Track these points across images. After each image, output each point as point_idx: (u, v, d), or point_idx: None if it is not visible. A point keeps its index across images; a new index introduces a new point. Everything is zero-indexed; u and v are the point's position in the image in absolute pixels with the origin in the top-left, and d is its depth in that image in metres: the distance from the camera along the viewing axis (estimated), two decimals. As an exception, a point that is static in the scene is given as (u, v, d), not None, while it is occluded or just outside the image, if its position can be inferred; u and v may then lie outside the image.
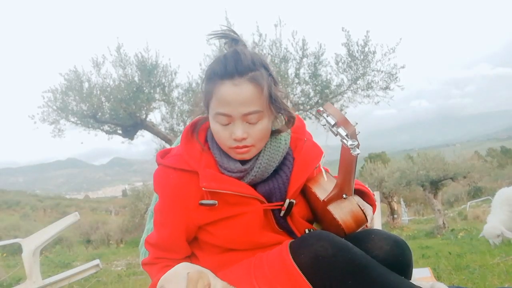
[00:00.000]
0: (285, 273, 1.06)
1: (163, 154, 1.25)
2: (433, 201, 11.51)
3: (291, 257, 1.07)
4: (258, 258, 1.15)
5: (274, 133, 1.21)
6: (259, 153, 1.18)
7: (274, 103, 1.13)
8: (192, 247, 1.27)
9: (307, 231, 1.26)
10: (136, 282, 4.68)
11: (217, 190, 1.13)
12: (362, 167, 16.81)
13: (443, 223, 10.56)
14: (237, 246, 1.20)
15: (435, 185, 11.87)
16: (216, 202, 1.14)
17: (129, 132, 8.27)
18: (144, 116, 7.89)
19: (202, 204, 1.15)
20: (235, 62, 1.09)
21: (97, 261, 4.12)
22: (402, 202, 17.46)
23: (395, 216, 14.53)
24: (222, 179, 1.15)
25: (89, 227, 16.32)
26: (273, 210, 1.21)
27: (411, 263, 1.17)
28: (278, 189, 1.20)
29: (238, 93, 1.07)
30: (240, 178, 1.17)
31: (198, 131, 1.22)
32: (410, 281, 1.12)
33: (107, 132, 8.36)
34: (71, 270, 4.14)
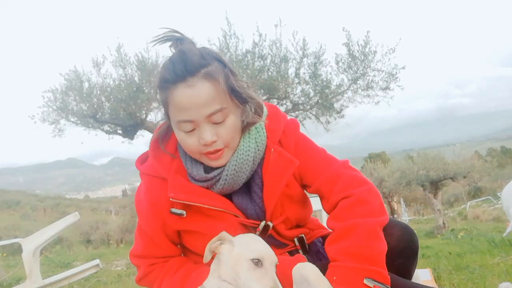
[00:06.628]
0: None
1: (142, 160, 1.20)
2: (433, 201, 11.50)
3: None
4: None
5: (246, 128, 1.10)
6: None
7: (236, 95, 1.03)
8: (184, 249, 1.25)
9: (296, 240, 1.21)
10: (136, 282, 4.67)
11: (185, 202, 1.06)
12: (362, 167, 16.83)
13: (443, 223, 10.56)
14: None
15: (435, 185, 11.86)
16: (184, 212, 1.09)
17: (129, 132, 8.26)
18: (144, 116, 7.88)
19: (172, 213, 1.10)
20: (184, 62, 0.98)
21: (97, 261, 4.10)
22: (402, 202, 17.49)
23: (395, 216, 14.55)
24: (191, 190, 1.08)
25: (89, 227, 16.36)
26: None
27: (418, 250, 1.17)
28: (254, 210, 1.13)
29: (195, 94, 0.97)
30: (209, 187, 1.09)
31: (168, 139, 1.15)
32: (415, 272, 1.15)
33: (107, 132, 8.36)
34: (71, 270, 4.12)
